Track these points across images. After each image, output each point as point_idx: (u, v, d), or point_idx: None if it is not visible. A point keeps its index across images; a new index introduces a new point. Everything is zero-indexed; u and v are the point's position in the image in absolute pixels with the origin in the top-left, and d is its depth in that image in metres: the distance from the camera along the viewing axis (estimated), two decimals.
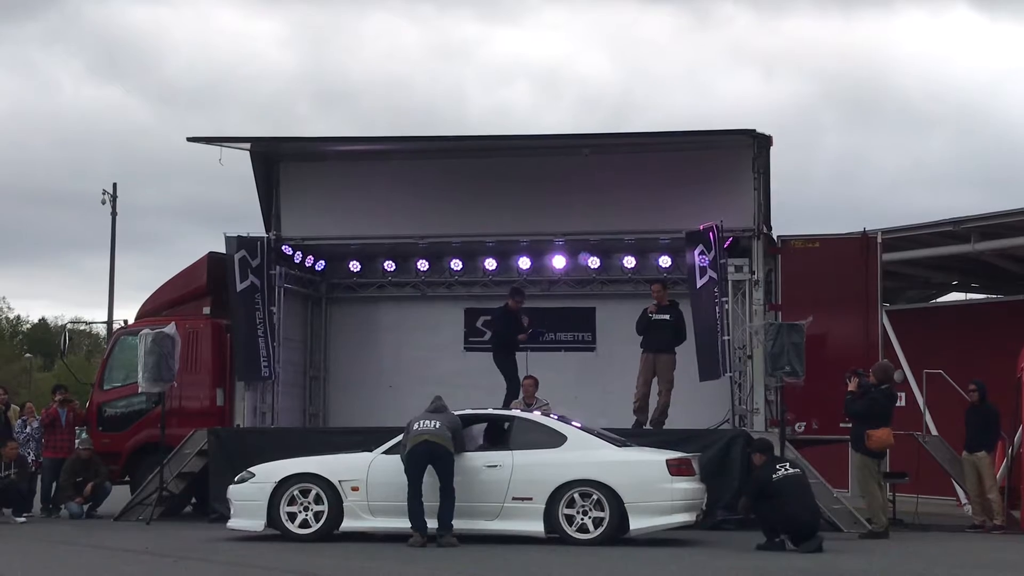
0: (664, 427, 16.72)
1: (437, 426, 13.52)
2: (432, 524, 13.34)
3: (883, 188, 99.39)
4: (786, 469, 13.29)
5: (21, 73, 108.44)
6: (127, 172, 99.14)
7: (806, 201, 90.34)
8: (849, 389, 15.34)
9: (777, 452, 14.51)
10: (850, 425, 15.77)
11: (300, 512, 13.95)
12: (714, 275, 16.50)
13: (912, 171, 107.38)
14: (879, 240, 17.32)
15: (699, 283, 16.76)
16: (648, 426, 16.77)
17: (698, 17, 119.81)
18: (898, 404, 21.46)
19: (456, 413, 14.41)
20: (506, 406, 16.82)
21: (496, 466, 13.73)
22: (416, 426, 13.57)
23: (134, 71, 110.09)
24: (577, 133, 20.10)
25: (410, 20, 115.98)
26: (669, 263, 18.84)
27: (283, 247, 18.92)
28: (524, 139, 19.03)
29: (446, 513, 13.35)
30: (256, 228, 18.86)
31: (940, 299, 25.34)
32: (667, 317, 17.06)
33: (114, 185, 47.94)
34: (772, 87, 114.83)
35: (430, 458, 13.45)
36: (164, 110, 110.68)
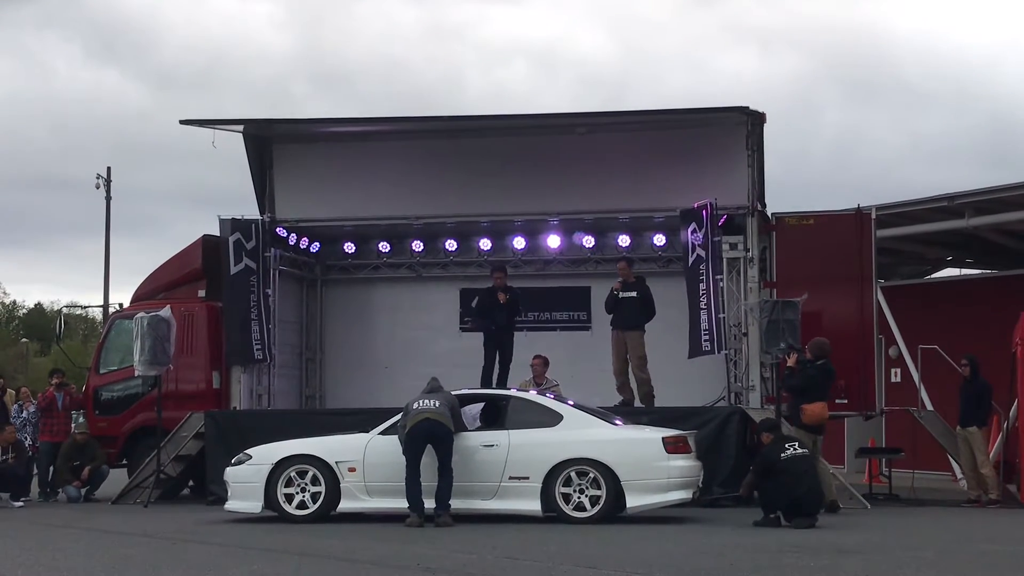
0: (660, 405, 16.74)
1: (437, 405, 13.53)
2: (428, 504, 13.36)
3: (882, 165, 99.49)
4: (794, 449, 13.32)
5: (17, 57, 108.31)
6: (123, 156, 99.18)
7: (805, 178, 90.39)
8: (788, 364, 15.39)
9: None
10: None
11: (297, 493, 13.97)
12: (703, 253, 16.53)
13: (911, 147, 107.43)
14: (873, 216, 17.31)
15: (690, 260, 16.82)
16: (639, 404, 16.81)
17: None
18: (894, 380, 21.65)
19: (453, 393, 14.49)
20: (485, 385, 16.86)
21: (493, 445, 13.75)
22: (416, 405, 13.57)
23: (130, 55, 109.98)
24: (571, 112, 20.02)
25: (407, 0, 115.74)
26: (664, 241, 18.85)
27: (277, 229, 18.89)
28: (518, 118, 18.99)
29: (444, 493, 13.37)
30: (252, 210, 18.88)
31: (935, 275, 25.36)
32: (634, 294, 17.12)
33: (108, 169, 47.84)
34: (771, 64, 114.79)
35: (430, 437, 13.45)
36: (160, 93, 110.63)
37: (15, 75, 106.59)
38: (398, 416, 14.03)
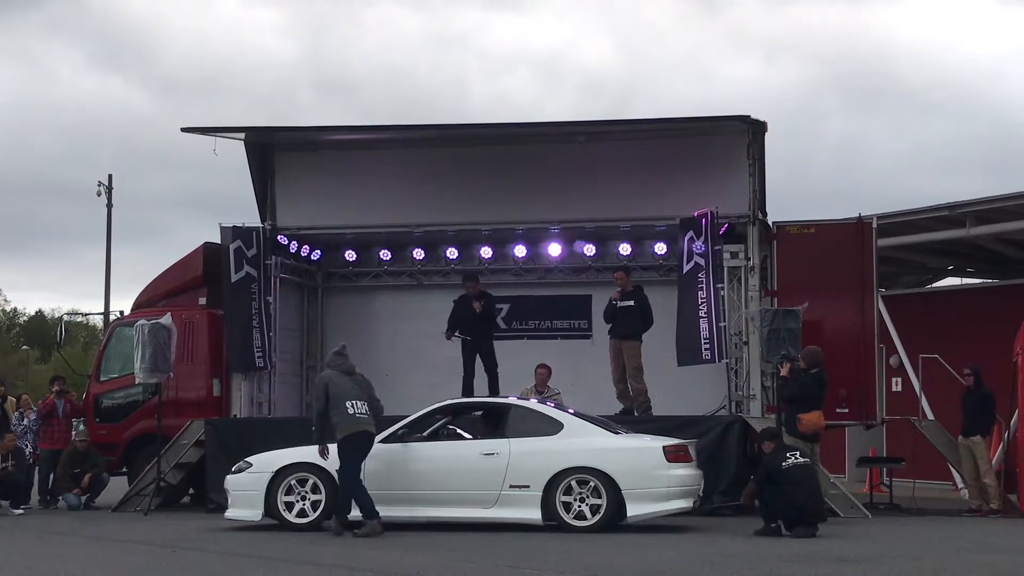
0: (661, 413, 16.73)
1: (367, 413, 13.53)
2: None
3: (885, 173, 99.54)
4: (796, 458, 13.31)
5: (21, 63, 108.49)
6: (126, 163, 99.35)
7: (808, 187, 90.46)
8: (781, 374, 15.37)
9: None
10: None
11: (297, 501, 13.96)
12: (701, 261, 16.54)
13: (914, 156, 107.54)
14: (874, 225, 17.31)
15: (685, 269, 16.83)
16: (636, 414, 16.80)
17: (703, 1, 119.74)
18: (895, 389, 21.64)
19: (452, 401, 14.53)
20: (466, 395, 16.88)
21: (493, 454, 13.73)
22: (349, 409, 13.35)
23: (134, 61, 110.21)
24: (571, 120, 20.06)
25: (412, 8, 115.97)
26: (665, 250, 18.83)
27: (278, 237, 18.88)
28: (519, 127, 19.00)
29: (368, 500, 13.30)
30: (253, 218, 18.88)
31: (936, 284, 25.35)
32: (631, 303, 17.13)
33: (109, 176, 47.87)
34: (774, 72, 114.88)
35: (365, 446, 13.51)
36: (164, 101, 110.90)
37: (19, 81, 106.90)
38: (399, 425, 14.09)
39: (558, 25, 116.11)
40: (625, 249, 19.10)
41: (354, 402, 13.43)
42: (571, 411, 14.37)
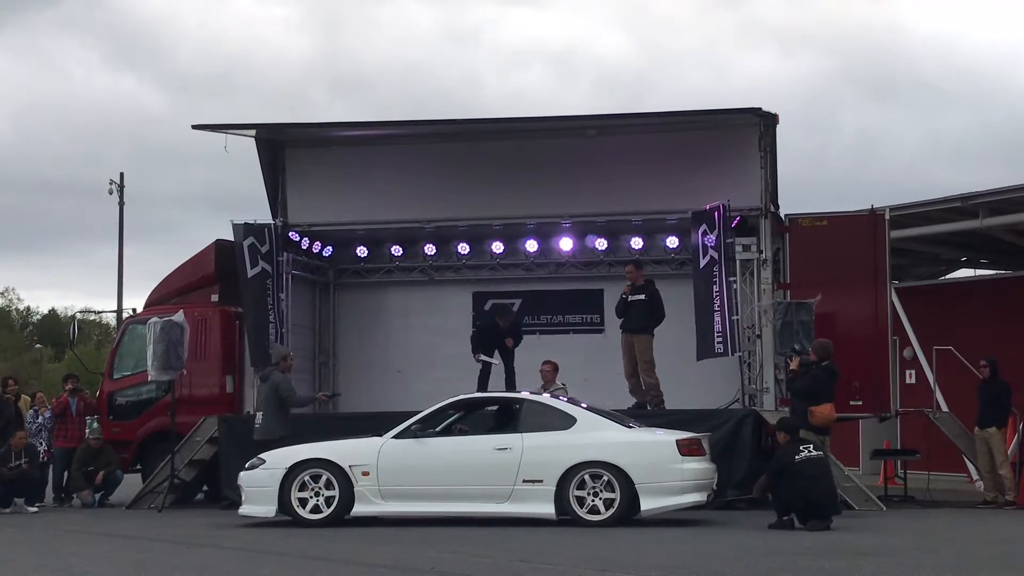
0: (674, 407, 16.69)
1: (259, 423, 15.35)
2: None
3: (902, 165, 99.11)
4: (809, 451, 13.28)
5: (35, 61, 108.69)
6: (140, 161, 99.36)
7: (825, 179, 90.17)
8: (791, 368, 15.31)
9: None
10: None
11: (311, 498, 13.96)
12: (715, 255, 16.50)
13: (931, 147, 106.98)
14: (887, 217, 17.24)
15: (701, 263, 16.78)
16: (649, 408, 16.77)
17: None
18: (909, 381, 21.58)
19: (465, 396, 14.54)
20: (481, 389, 16.91)
21: (506, 449, 13.72)
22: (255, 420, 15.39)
23: (147, 59, 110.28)
24: (582, 114, 19.98)
25: (425, 3, 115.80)
26: (677, 243, 18.80)
27: (290, 233, 18.89)
28: (529, 121, 18.96)
29: None
30: (266, 215, 18.86)
31: (949, 275, 25.27)
32: (642, 297, 17.09)
33: (121, 175, 48.04)
34: (790, 64, 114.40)
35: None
36: (177, 99, 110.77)
37: (32, 79, 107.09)
38: (411, 420, 14.10)
39: (573, 18, 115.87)
40: (637, 243, 19.07)
41: (257, 414, 15.66)
42: (584, 405, 14.35)
